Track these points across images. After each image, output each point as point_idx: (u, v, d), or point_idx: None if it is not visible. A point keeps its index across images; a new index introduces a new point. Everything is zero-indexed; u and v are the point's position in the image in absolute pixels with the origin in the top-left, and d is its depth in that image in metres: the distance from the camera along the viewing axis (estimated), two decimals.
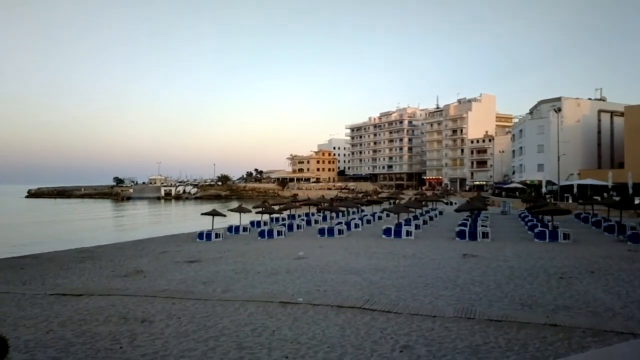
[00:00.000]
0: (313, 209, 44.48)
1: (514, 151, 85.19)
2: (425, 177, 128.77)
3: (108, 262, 21.27)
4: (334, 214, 37.32)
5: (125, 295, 13.58)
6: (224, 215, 32.80)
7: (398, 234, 27.75)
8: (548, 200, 45.46)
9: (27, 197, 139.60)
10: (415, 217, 35.51)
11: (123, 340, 9.19)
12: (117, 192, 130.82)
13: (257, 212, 36.30)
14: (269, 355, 8.09)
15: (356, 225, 33.62)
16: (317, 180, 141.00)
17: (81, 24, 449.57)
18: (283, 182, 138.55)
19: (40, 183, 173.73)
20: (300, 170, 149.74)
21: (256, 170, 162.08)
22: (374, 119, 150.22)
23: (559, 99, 73.27)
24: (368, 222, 37.45)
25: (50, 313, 11.70)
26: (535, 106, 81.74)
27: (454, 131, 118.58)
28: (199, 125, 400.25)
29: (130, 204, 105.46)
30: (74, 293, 14.21)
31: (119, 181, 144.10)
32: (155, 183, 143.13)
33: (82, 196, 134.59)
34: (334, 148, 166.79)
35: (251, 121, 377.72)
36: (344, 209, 40.49)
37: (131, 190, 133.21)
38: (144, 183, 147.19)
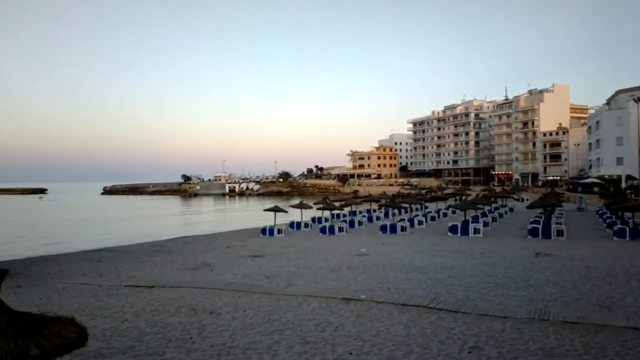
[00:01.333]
0: (374, 206, 44.17)
1: (590, 144, 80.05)
2: (493, 172, 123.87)
3: (177, 256, 22.31)
4: (396, 211, 36.81)
5: (194, 287, 14.20)
6: (286, 212, 33.35)
7: (465, 231, 26.93)
8: (628, 196, 42.28)
9: (102, 194, 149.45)
10: (484, 214, 34.23)
11: (193, 331, 9.61)
12: (184, 189, 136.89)
13: (318, 209, 36.57)
14: (333, 351, 8.14)
15: (420, 223, 32.97)
16: (378, 177, 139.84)
17: (153, 30, 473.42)
18: (343, 178, 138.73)
19: (115, 181, 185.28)
20: (361, 166, 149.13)
21: (316, 166, 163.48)
22: (438, 112, 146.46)
23: (638, 88, 67.94)
24: (432, 219, 36.63)
25: (125, 304, 12.46)
26: (613, 96, 76.54)
27: (525, 124, 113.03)
28: (261, 123, 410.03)
29: (197, 200, 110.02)
30: (147, 285, 15.04)
31: (186, 178, 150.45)
32: (220, 180, 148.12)
33: (152, 193, 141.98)
34: (396, 143, 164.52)
35: (311, 118, 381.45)
36: (406, 205, 39.84)
37: (198, 187, 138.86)
38: (209, 180, 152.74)
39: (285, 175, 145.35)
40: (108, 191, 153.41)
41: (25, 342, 4.00)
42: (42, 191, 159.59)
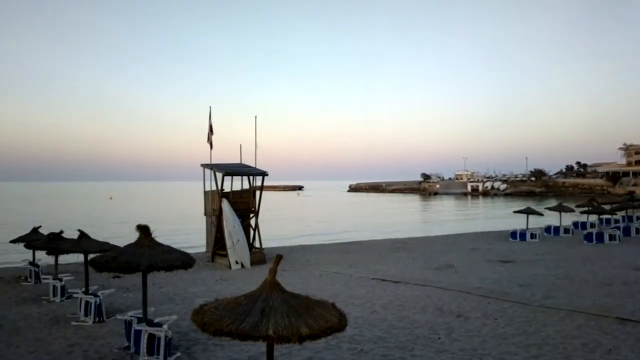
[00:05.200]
0: None
1: None
2: None
3: (420, 254, 22.87)
4: None
5: (438, 287, 14.34)
6: (541, 214, 30.70)
7: None
8: None
9: (348, 191, 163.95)
10: None
11: (440, 331, 9.71)
12: (424, 187, 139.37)
13: (581, 212, 32.62)
14: None
15: None
16: None
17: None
18: (614, 177, 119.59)
19: (357, 179, 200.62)
20: (637, 162, 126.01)
21: (578, 163, 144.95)
22: None
23: None
24: None
25: (373, 295, 13.41)
26: None
27: None
28: (509, 116, 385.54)
29: (436, 199, 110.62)
30: (393, 280, 15.88)
31: (426, 177, 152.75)
32: (461, 179, 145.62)
33: (392, 191, 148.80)
34: None
35: (572, 105, 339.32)
36: None
37: (438, 186, 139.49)
38: (450, 179, 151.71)
39: (537, 174, 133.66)
40: (353, 189, 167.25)
41: (297, 320, 4.66)
42: (300, 188, 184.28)
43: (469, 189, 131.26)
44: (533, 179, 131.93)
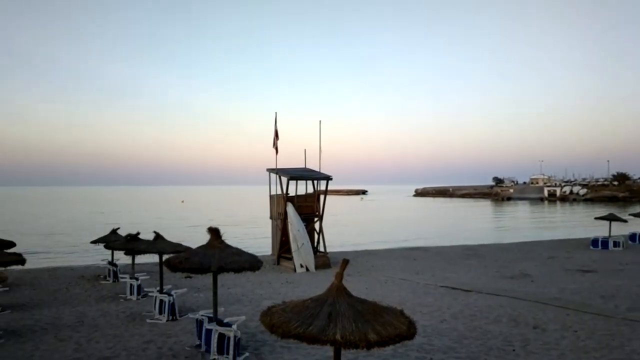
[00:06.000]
0: None
1: None
2: None
3: (492, 262, 22.06)
4: None
5: (513, 297, 13.77)
6: (625, 221, 28.68)
7: None
8: None
9: (414, 195, 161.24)
10: None
11: (515, 343, 9.32)
12: (496, 192, 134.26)
13: None
14: None
15: None
16: None
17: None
18: None
19: (424, 183, 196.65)
20: None
21: None
22: None
23: None
24: None
25: (442, 304, 13.09)
26: None
27: None
28: (586, 116, 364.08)
29: (510, 204, 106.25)
30: (463, 288, 15.43)
31: (498, 181, 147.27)
32: (537, 183, 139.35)
33: (462, 196, 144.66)
34: None
35: None
36: None
37: (511, 191, 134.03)
38: (524, 183, 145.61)
39: (620, 177, 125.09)
40: (419, 193, 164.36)
41: (364, 325, 4.63)
42: (363, 192, 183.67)
43: (546, 193, 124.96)
44: (616, 183, 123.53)
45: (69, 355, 8.93)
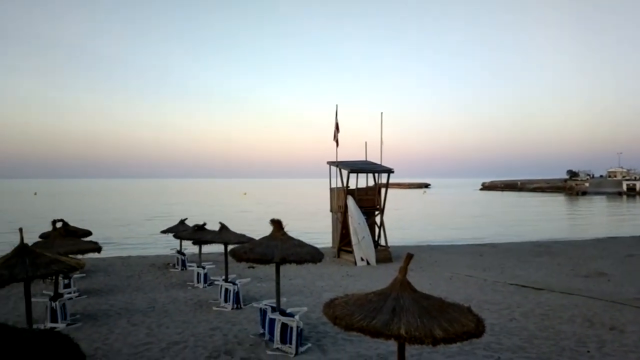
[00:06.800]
0: None
1: None
2: None
3: (566, 260, 21.05)
4: None
5: (588, 297, 13.09)
6: None
7: None
8: None
9: (481, 189, 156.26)
10: None
11: (590, 344, 8.86)
12: (570, 185, 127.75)
13: None
14: None
15: None
16: None
17: None
18: None
19: (493, 176, 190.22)
20: None
21: None
22: None
23: None
24: None
25: (511, 302, 12.64)
26: None
27: None
28: None
29: (585, 199, 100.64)
30: (534, 286, 14.82)
31: (572, 174, 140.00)
32: (615, 176, 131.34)
33: (534, 190, 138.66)
34: None
35: None
36: None
37: (587, 184, 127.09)
38: (601, 176, 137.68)
39: None
40: (486, 187, 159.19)
41: (429, 321, 4.55)
42: (426, 186, 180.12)
43: (625, 187, 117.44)
44: None
45: (142, 339, 9.43)
